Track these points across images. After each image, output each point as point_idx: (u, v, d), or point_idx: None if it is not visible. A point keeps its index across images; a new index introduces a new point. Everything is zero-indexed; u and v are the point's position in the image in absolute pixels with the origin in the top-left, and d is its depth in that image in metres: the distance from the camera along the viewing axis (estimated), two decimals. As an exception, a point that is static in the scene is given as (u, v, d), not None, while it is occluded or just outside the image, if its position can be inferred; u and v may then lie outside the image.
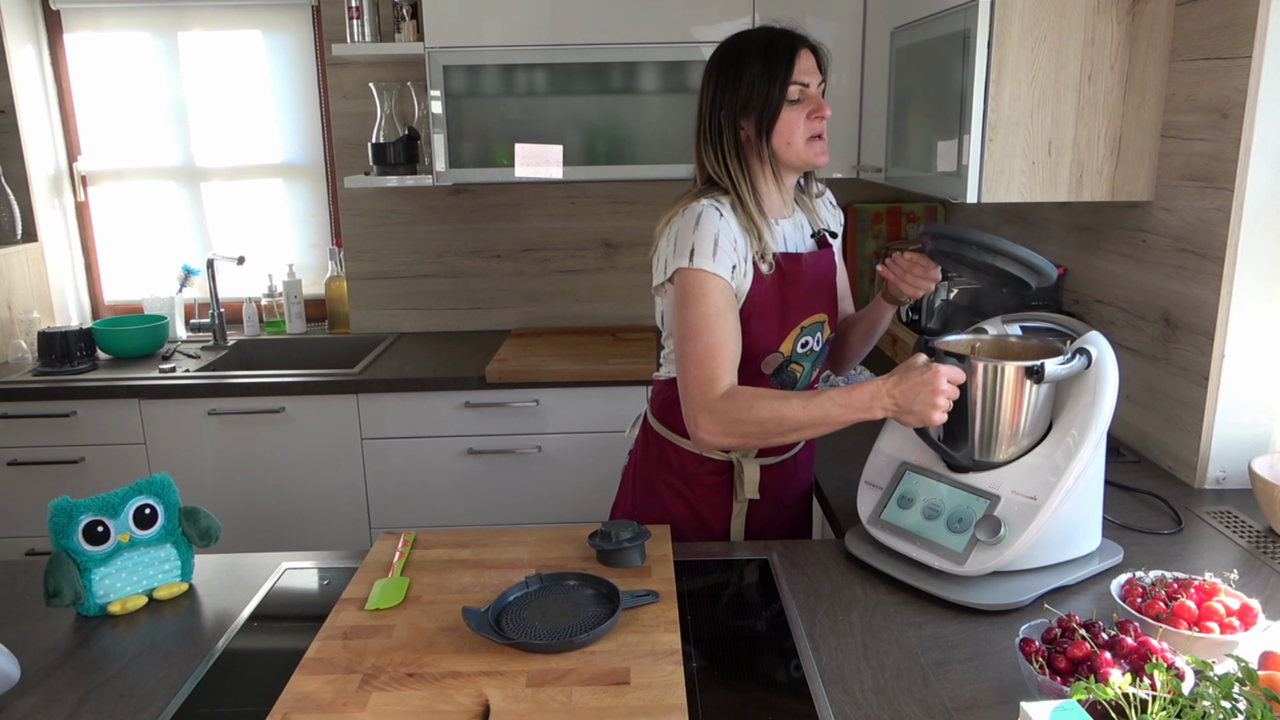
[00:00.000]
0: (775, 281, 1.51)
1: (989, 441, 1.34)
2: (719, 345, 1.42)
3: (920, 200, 3.12)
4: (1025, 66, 1.74)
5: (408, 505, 2.76)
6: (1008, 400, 1.31)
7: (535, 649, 1.13)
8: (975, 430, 1.34)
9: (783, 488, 1.69)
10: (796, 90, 1.46)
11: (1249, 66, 1.54)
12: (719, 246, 1.43)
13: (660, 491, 1.66)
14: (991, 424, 1.33)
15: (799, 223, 1.60)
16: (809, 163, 1.50)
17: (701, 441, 1.44)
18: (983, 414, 1.33)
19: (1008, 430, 1.32)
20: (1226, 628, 1.09)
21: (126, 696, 1.12)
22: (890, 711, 1.06)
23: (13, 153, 2.99)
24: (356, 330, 3.25)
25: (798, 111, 1.46)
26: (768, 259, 1.50)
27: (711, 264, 1.43)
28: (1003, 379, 1.31)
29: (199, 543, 1.40)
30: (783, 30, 1.49)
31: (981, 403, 1.32)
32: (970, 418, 1.34)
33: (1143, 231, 1.86)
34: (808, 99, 1.47)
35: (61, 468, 2.69)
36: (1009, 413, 1.32)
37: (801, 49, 1.47)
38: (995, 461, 1.34)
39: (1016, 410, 1.31)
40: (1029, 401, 1.31)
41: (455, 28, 2.62)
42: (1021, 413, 1.31)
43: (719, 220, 1.45)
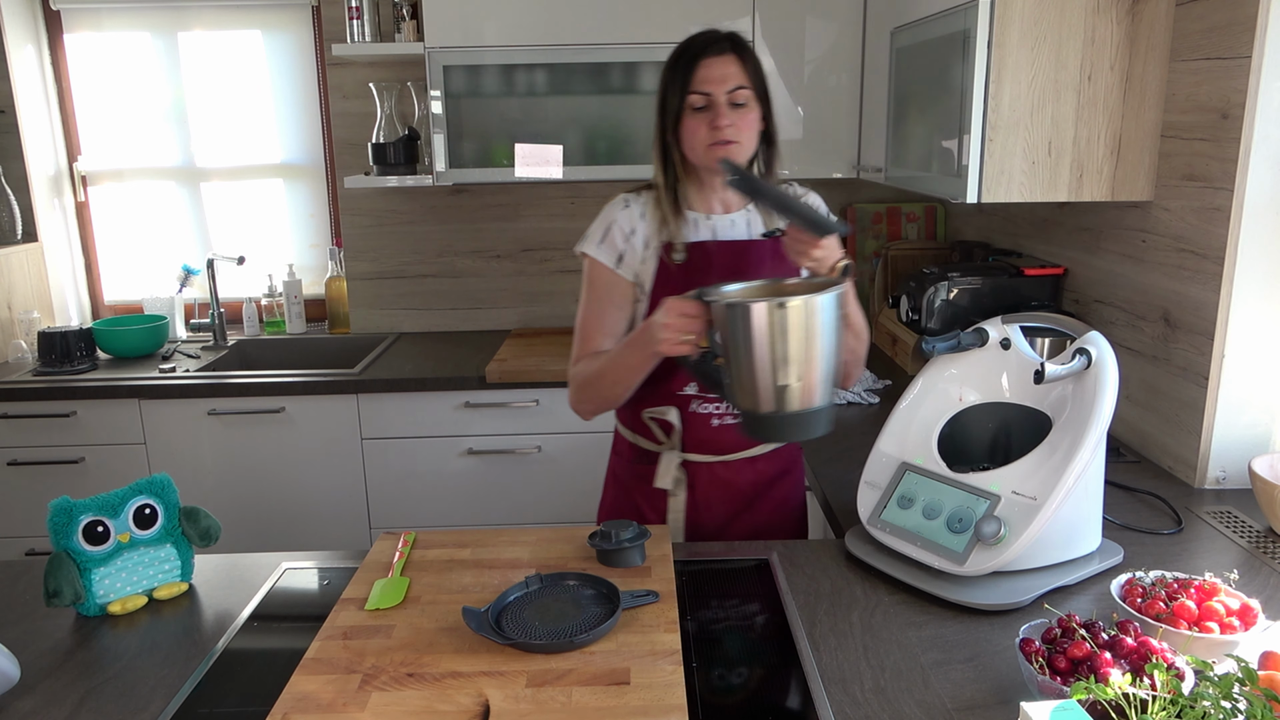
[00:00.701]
0: (683, 269, 1.57)
1: (743, 387, 1.28)
2: (589, 326, 1.62)
3: (920, 200, 3.12)
4: (1025, 66, 1.74)
5: (408, 505, 2.76)
6: (746, 338, 1.24)
7: (535, 649, 1.13)
8: (731, 377, 1.30)
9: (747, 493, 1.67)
10: (699, 99, 1.51)
11: (1249, 66, 1.54)
12: (609, 234, 1.59)
13: (608, 479, 1.77)
14: (738, 366, 1.28)
15: (744, 221, 1.62)
16: (711, 165, 1.54)
17: (574, 411, 1.64)
18: (733, 357, 1.28)
19: (754, 372, 1.26)
20: (1226, 628, 1.09)
21: (126, 696, 1.12)
22: (890, 711, 1.06)
23: (13, 153, 2.99)
24: (356, 330, 3.25)
25: (699, 119, 1.51)
26: (678, 249, 1.57)
27: (595, 249, 1.59)
28: (737, 316, 1.24)
29: (199, 543, 1.40)
30: (702, 37, 1.54)
31: (732, 344, 1.27)
32: (727, 363, 1.30)
33: (1143, 231, 1.86)
34: (712, 108, 1.51)
35: (61, 468, 2.69)
36: (749, 351, 1.25)
37: (706, 58, 1.51)
38: (772, 413, 1.27)
39: (750, 349, 1.24)
40: (769, 340, 1.23)
41: (455, 28, 2.62)
42: (759, 351, 1.24)
43: (620, 210, 1.60)
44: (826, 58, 2.68)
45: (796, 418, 1.30)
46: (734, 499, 1.67)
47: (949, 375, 1.48)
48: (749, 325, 1.25)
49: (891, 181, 2.37)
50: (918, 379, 1.51)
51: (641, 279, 1.59)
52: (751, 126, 1.53)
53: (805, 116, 2.72)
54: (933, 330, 2.21)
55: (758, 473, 1.68)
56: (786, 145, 2.73)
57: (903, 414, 1.49)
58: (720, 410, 1.62)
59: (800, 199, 1.68)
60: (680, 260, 1.56)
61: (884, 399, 2.31)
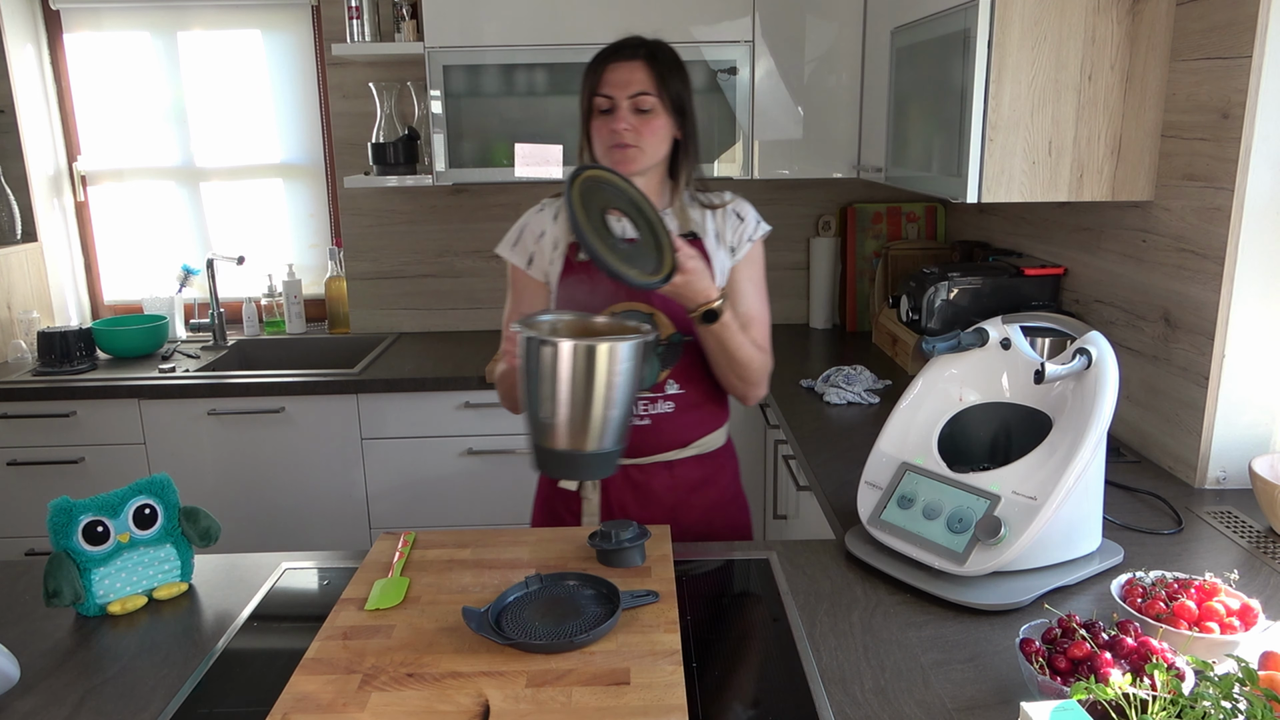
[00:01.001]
0: (586, 267, 1.60)
1: (533, 421, 1.31)
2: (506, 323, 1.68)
3: (920, 200, 3.12)
4: (1025, 66, 1.74)
5: (408, 505, 2.76)
6: (526, 368, 1.29)
7: (535, 649, 1.13)
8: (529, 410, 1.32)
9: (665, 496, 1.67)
10: (602, 102, 1.57)
11: (1249, 66, 1.54)
12: (521, 237, 1.68)
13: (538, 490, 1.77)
14: (531, 400, 1.30)
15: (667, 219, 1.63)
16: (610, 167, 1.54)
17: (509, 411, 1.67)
18: (526, 390, 1.31)
19: (529, 401, 1.29)
20: (1227, 628, 1.09)
21: (126, 696, 1.12)
22: (890, 711, 1.06)
23: (13, 153, 2.99)
24: (356, 330, 3.25)
25: (603, 121, 1.57)
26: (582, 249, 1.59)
27: (509, 252, 1.69)
28: (522, 346, 1.29)
29: (199, 543, 1.40)
30: (617, 43, 1.60)
31: (526, 378, 1.31)
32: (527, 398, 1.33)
33: (1143, 231, 1.86)
34: (614, 112, 1.56)
35: (61, 468, 2.69)
36: (527, 382, 1.29)
37: (614, 62, 1.57)
38: (552, 449, 1.31)
39: (528, 379, 1.28)
40: (540, 373, 1.26)
41: (455, 27, 2.62)
42: (531, 383, 1.27)
43: (534, 214, 1.69)
44: (826, 58, 2.68)
45: (562, 457, 1.32)
46: (651, 504, 1.66)
47: (949, 375, 1.48)
48: (526, 356, 1.29)
49: (891, 181, 2.37)
50: (918, 379, 1.51)
51: (550, 279, 1.65)
52: (655, 134, 1.56)
53: (805, 116, 2.72)
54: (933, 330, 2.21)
55: (675, 478, 1.67)
56: (786, 145, 2.74)
57: (903, 414, 1.49)
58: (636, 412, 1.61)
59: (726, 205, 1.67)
60: (585, 259, 1.59)
61: (884, 399, 2.31)
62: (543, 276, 1.66)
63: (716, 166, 2.74)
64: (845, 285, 3.15)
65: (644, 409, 1.62)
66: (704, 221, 1.65)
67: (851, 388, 2.32)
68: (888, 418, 1.51)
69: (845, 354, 2.83)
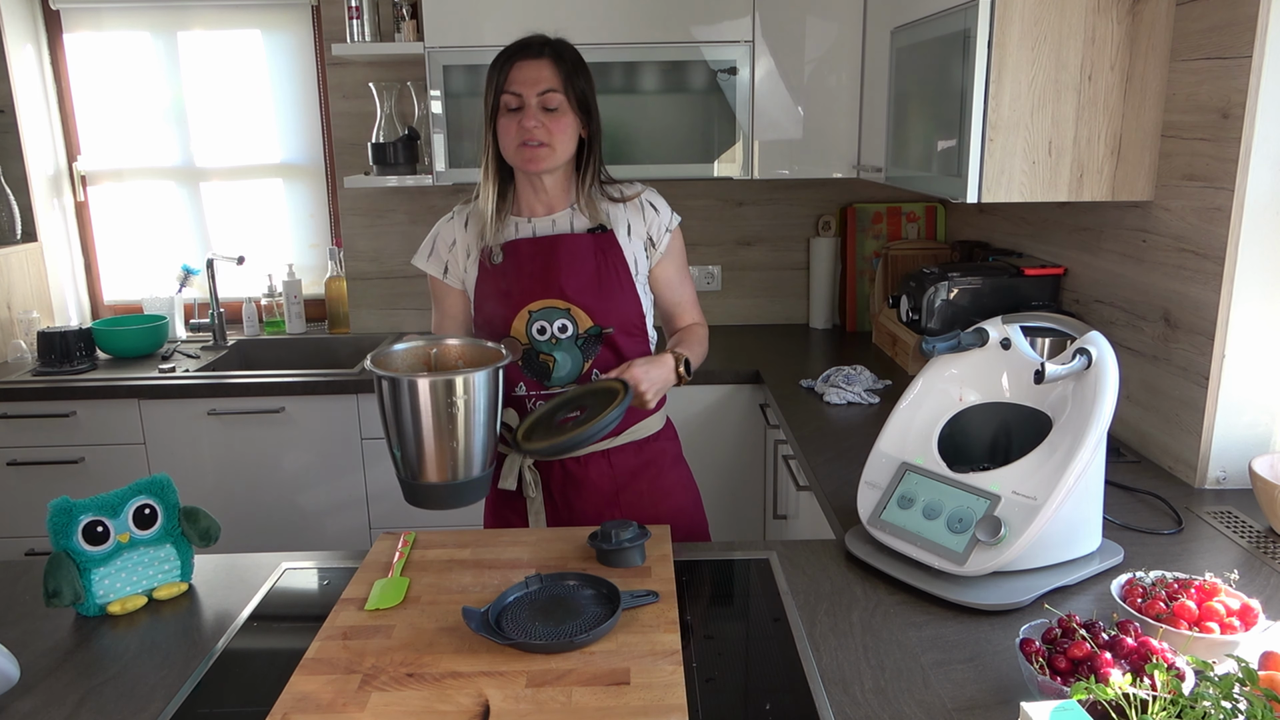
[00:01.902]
0: (498, 271, 1.62)
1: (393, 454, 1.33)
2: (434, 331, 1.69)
3: (920, 200, 3.12)
4: (1025, 66, 1.74)
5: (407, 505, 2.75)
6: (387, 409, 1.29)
7: (535, 649, 1.13)
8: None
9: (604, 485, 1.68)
10: (512, 99, 1.56)
11: (1249, 66, 1.54)
12: (434, 246, 1.70)
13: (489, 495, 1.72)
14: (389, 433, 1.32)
15: (567, 220, 1.65)
16: (521, 168, 1.59)
17: None
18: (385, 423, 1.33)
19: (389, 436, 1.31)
20: (1227, 628, 1.09)
21: (126, 696, 1.12)
22: (890, 711, 1.06)
23: (12, 153, 2.99)
24: (356, 330, 3.25)
25: (511, 119, 1.57)
26: (494, 251, 1.61)
27: (425, 264, 1.71)
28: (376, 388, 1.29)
29: (199, 543, 1.40)
30: (522, 41, 1.61)
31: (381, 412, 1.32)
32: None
33: (1143, 231, 1.86)
34: (524, 108, 1.56)
35: (61, 468, 2.69)
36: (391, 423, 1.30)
37: (521, 60, 1.57)
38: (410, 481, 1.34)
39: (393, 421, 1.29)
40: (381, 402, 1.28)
41: (455, 27, 2.62)
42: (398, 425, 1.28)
43: (445, 223, 1.70)
44: (826, 58, 2.68)
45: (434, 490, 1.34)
46: (594, 496, 1.68)
47: (949, 375, 1.48)
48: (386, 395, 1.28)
49: (891, 181, 2.37)
50: (918, 379, 1.51)
51: (467, 285, 1.67)
52: (564, 131, 1.58)
53: (805, 116, 2.72)
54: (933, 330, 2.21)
55: (614, 467, 1.69)
56: (786, 145, 2.74)
57: (903, 414, 1.49)
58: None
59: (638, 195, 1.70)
60: (498, 262, 1.61)
61: (884, 399, 2.31)
62: (459, 284, 1.69)
63: (716, 167, 2.74)
64: (845, 285, 3.15)
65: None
66: (613, 215, 1.68)
67: (851, 388, 2.32)
68: (888, 418, 1.51)
69: (845, 354, 2.83)
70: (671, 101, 2.70)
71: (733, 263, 3.21)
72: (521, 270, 1.61)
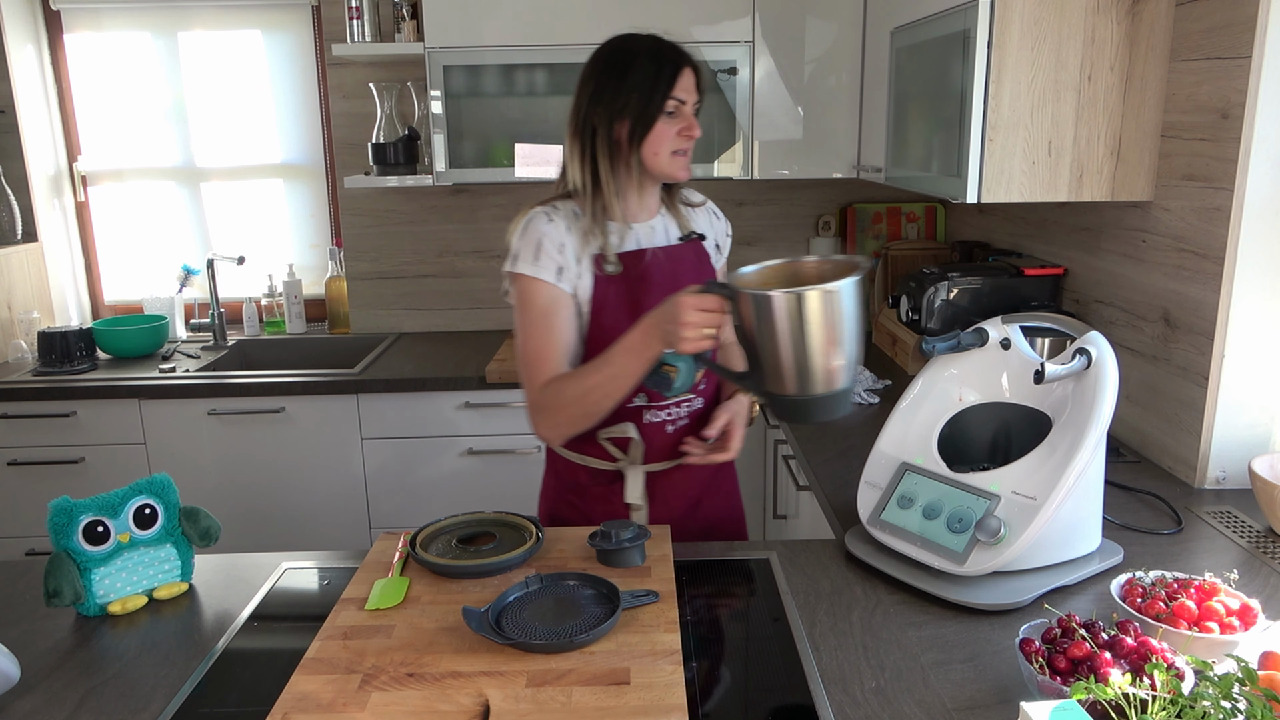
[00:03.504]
0: (622, 279, 1.54)
1: (768, 374, 1.28)
2: (543, 347, 1.50)
3: (920, 200, 3.12)
4: (1025, 66, 1.74)
5: (408, 505, 2.76)
6: (773, 328, 1.23)
7: (535, 649, 1.13)
8: (752, 362, 1.29)
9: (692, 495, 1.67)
10: (673, 104, 1.50)
11: (1249, 66, 1.54)
12: (541, 250, 1.50)
13: (558, 507, 1.67)
14: (760, 354, 1.27)
15: (662, 226, 1.62)
16: (670, 175, 1.54)
17: (545, 438, 1.55)
18: (760, 345, 1.27)
19: (781, 360, 1.25)
20: (1226, 628, 1.09)
21: (126, 696, 1.12)
22: (890, 711, 1.06)
23: (13, 153, 2.99)
24: (356, 330, 3.25)
25: (670, 125, 1.50)
26: (611, 259, 1.53)
27: (533, 268, 1.49)
28: (760, 307, 1.24)
29: (199, 543, 1.40)
30: (670, 43, 1.54)
31: (755, 333, 1.26)
32: (750, 349, 1.29)
33: (1143, 231, 1.86)
34: (681, 115, 1.51)
35: (61, 468, 2.69)
36: (776, 340, 1.24)
37: (685, 66, 1.52)
38: (793, 396, 1.27)
39: (773, 338, 1.24)
40: (788, 328, 1.23)
41: (455, 28, 2.62)
42: (780, 340, 1.23)
43: (545, 225, 1.51)
44: (826, 58, 2.68)
45: (833, 398, 1.28)
46: (684, 502, 1.67)
47: (949, 375, 1.48)
48: (802, 312, 1.22)
49: (891, 181, 2.37)
50: (918, 379, 1.51)
51: (579, 293, 1.54)
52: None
53: (805, 116, 2.72)
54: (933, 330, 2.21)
55: (701, 471, 1.68)
56: (786, 145, 2.74)
57: (903, 414, 1.49)
58: (673, 416, 1.61)
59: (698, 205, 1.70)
60: (615, 271, 1.54)
61: (884, 399, 2.31)
62: (571, 289, 1.53)
63: (716, 167, 2.74)
64: (845, 285, 3.15)
65: (685, 408, 1.62)
66: (693, 220, 1.67)
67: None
68: (888, 418, 1.51)
69: (845, 354, 2.83)
70: (671, 101, 2.70)
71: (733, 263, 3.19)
72: (647, 279, 1.55)
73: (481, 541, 1.42)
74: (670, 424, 1.61)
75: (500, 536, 1.44)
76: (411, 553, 1.37)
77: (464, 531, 1.45)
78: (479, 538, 1.43)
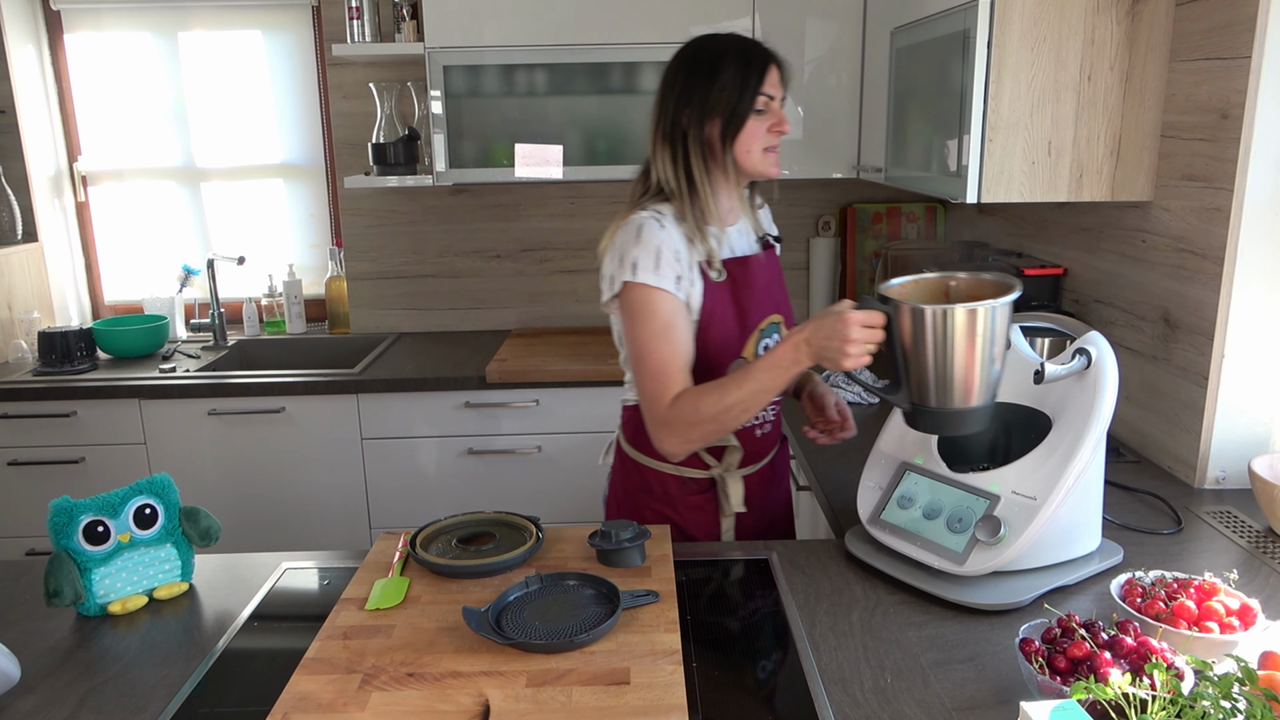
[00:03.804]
0: (727, 287, 1.51)
1: (923, 388, 1.28)
2: (669, 360, 1.44)
3: (920, 200, 3.12)
4: (1025, 67, 1.75)
5: (408, 505, 2.76)
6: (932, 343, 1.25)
7: (535, 649, 1.13)
8: (906, 376, 1.30)
9: (767, 495, 1.69)
10: (763, 101, 1.47)
11: (1249, 66, 1.54)
12: (661, 259, 1.43)
13: (646, 517, 1.64)
14: (920, 368, 1.27)
15: (744, 229, 1.61)
16: (762, 172, 1.51)
17: (669, 453, 1.47)
18: (913, 359, 1.28)
19: (938, 375, 1.26)
20: (1226, 628, 1.09)
21: (126, 696, 1.12)
22: (890, 711, 1.06)
23: (13, 153, 2.99)
24: (356, 330, 3.25)
25: (761, 122, 1.48)
26: (716, 266, 1.50)
27: (655, 277, 1.43)
28: (924, 321, 1.24)
29: (199, 543, 1.40)
30: (754, 40, 1.51)
31: (914, 348, 1.27)
32: (899, 363, 1.30)
33: (1143, 231, 1.86)
34: (771, 111, 1.49)
35: (62, 468, 2.69)
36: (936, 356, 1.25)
37: (772, 62, 1.49)
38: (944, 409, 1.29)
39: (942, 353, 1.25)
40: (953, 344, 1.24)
41: (455, 28, 2.62)
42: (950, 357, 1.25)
43: (660, 232, 1.45)
44: (826, 58, 2.69)
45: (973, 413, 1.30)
46: (761, 502, 1.68)
47: (949, 375, 1.47)
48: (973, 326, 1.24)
49: (891, 181, 2.37)
50: (918, 379, 1.50)
51: (691, 301, 1.49)
52: None
53: (805, 116, 2.72)
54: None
55: (771, 471, 1.70)
56: (786, 145, 2.73)
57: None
58: (760, 419, 1.61)
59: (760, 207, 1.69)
60: (720, 279, 1.50)
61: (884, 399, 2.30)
62: (685, 298, 1.48)
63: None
64: (845, 285, 3.15)
65: (771, 411, 1.63)
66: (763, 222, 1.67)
67: (851, 388, 2.32)
68: (888, 418, 1.51)
69: (845, 354, 2.83)
70: (671, 102, 2.70)
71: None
72: (753, 286, 1.54)
73: (481, 541, 1.42)
74: (759, 427, 1.62)
75: (500, 536, 1.44)
76: (411, 553, 1.37)
77: (464, 531, 1.45)
78: (479, 538, 1.43)
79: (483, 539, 1.43)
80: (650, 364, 1.44)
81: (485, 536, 1.44)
